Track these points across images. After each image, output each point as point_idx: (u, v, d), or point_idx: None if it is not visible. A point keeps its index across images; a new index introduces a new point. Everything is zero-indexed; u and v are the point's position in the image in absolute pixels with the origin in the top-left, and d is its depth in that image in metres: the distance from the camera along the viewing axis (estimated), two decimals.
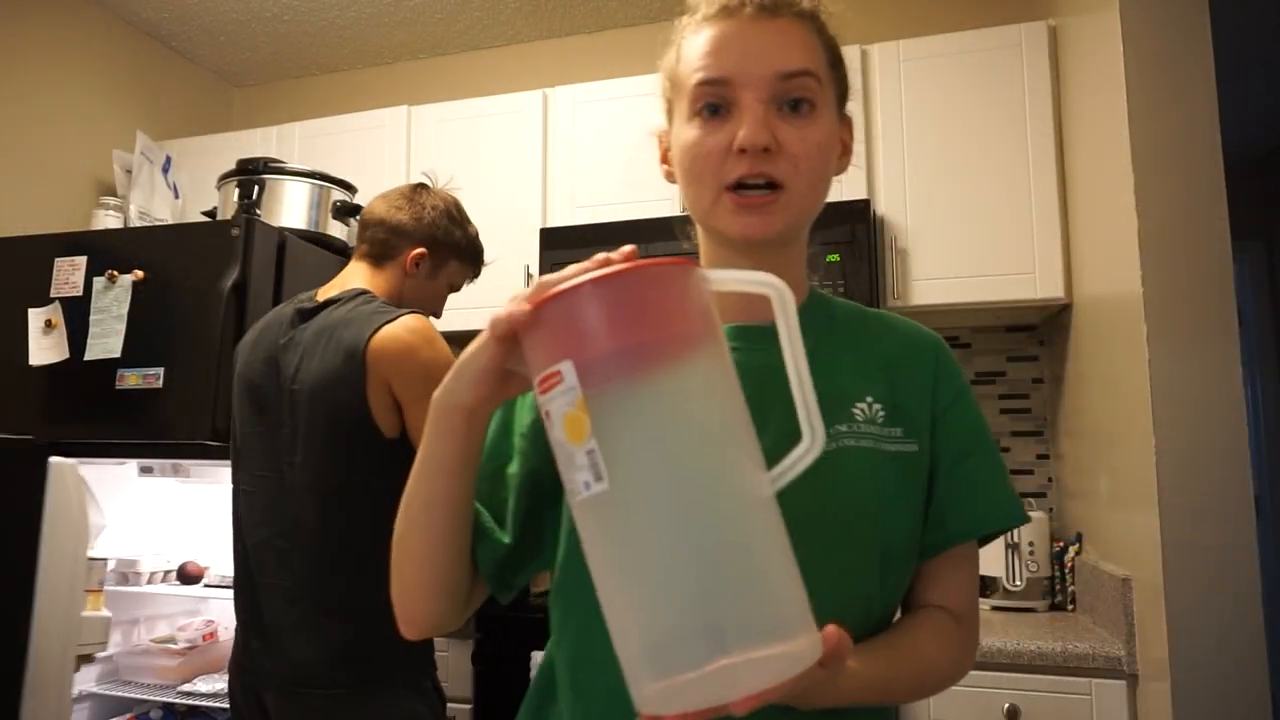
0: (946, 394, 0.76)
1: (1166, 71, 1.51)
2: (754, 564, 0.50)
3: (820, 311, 0.78)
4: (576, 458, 0.50)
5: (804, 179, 0.71)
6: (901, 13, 2.48)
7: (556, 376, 0.50)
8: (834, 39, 0.76)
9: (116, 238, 2.10)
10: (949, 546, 0.74)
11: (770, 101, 0.69)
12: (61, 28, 2.57)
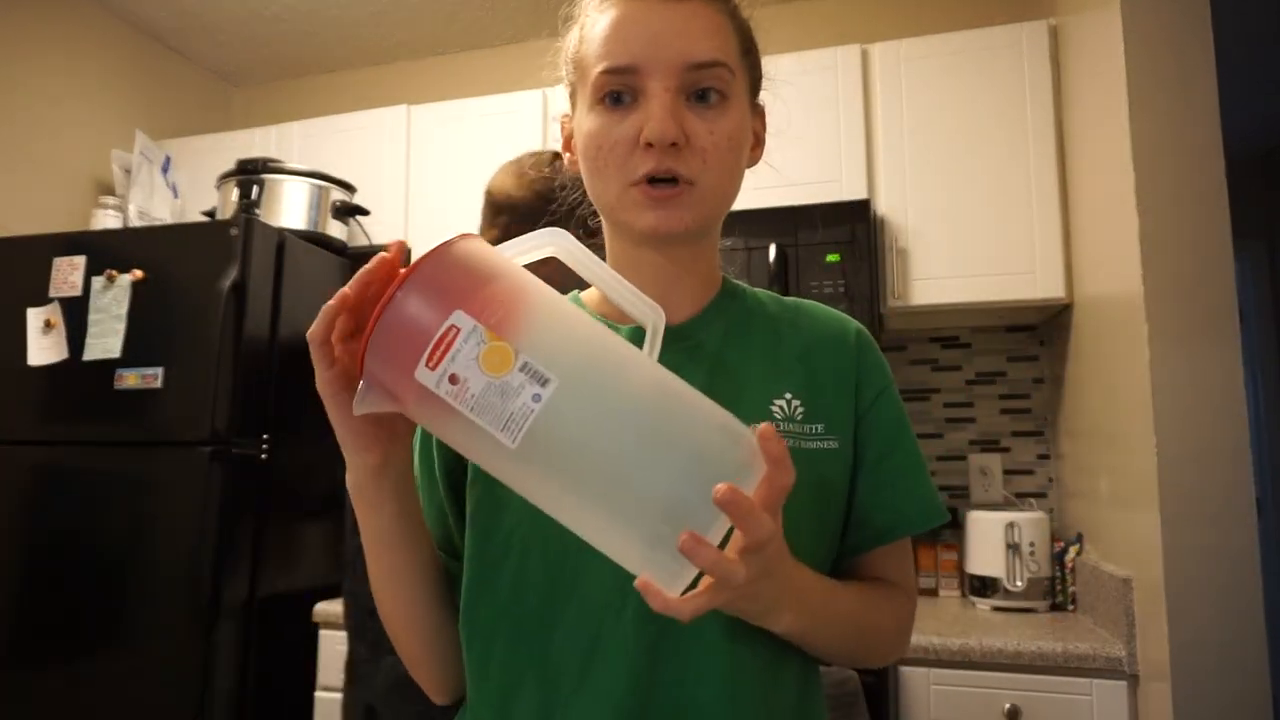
0: (870, 390, 0.73)
1: (1167, 70, 1.50)
2: (699, 413, 0.53)
3: (733, 305, 0.75)
4: (511, 382, 0.50)
5: (714, 174, 0.67)
6: (901, 13, 2.48)
7: (451, 332, 0.50)
8: (748, 23, 0.73)
9: (116, 238, 2.10)
10: (875, 546, 0.72)
11: (678, 91, 0.66)
12: (61, 27, 2.57)
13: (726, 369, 0.71)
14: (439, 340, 0.50)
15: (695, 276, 0.74)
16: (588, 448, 0.50)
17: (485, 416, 0.50)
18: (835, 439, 0.71)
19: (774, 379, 0.71)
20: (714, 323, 0.73)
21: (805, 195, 2.09)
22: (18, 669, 1.92)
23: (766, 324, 0.75)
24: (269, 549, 1.99)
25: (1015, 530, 1.90)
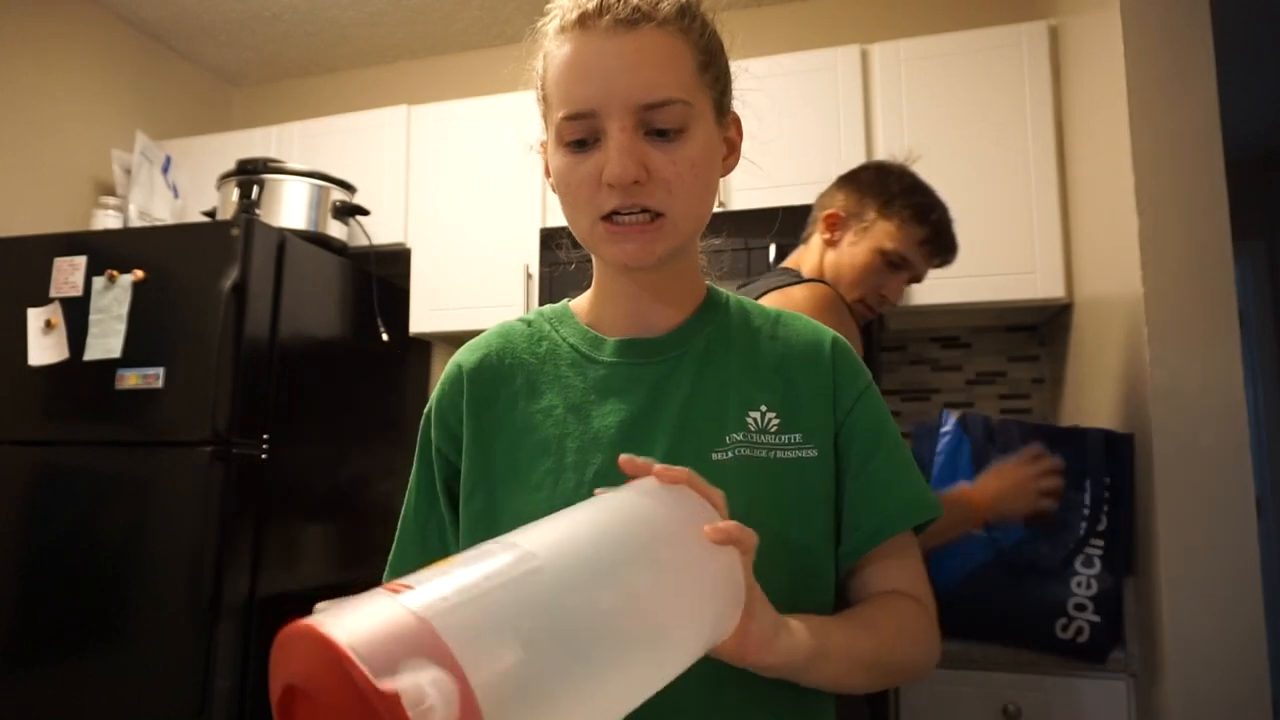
0: (848, 397, 0.74)
1: (1167, 71, 1.50)
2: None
3: (715, 316, 0.77)
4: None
5: (681, 202, 0.68)
6: (901, 13, 2.48)
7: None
8: (708, 35, 0.72)
9: (116, 238, 2.10)
10: (868, 549, 0.72)
11: (635, 129, 0.66)
12: (61, 28, 2.57)
13: (708, 380, 0.73)
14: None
15: (677, 290, 0.76)
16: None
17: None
18: (814, 448, 0.72)
19: (751, 390, 0.73)
20: (697, 334, 0.75)
21: (805, 195, 2.08)
22: (18, 669, 1.92)
23: (746, 335, 0.76)
24: (269, 549, 1.99)
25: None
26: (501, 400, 0.75)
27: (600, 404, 0.72)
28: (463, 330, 2.36)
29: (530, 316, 0.82)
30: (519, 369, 0.77)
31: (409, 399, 2.63)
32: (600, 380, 0.74)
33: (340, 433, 2.27)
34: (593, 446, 0.71)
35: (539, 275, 2.20)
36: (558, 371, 0.75)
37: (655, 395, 0.72)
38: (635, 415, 0.71)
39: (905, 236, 1.36)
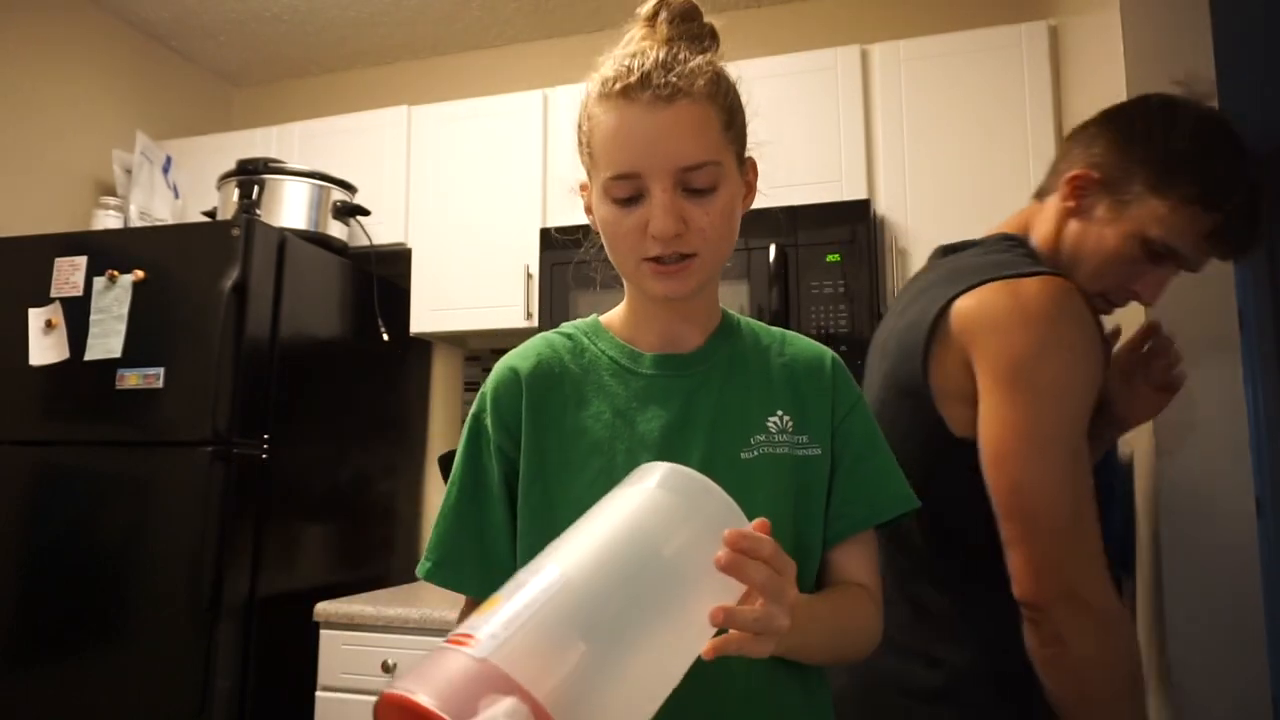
0: (844, 406, 0.87)
1: (1167, 71, 1.50)
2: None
3: (732, 336, 0.89)
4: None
5: (712, 245, 0.80)
6: (901, 13, 2.48)
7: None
8: (729, 93, 0.83)
9: (116, 238, 2.10)
10: (853, 534, 0.84)
11: (675, 188, 0.77)
12: (61, 28, 2.57)
13: (732, 390, 0.85)
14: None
15: (701, 313, 0.88)
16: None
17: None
18: (818, 447, 0.84)
19: (769, 399, 0.85)
20: (718, 352, 0.87)
21: (805, 195, 2.09)
22: (18, 669, 1.93)
23: (759, 352, 0.89)
24: (269, 549, 1.99)
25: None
26: (553, 404, 0.85)
27: (643, 410, 0.83)
28: (463, 330, 2.36)
29: (567, 330, 0.92)
30: (566, 377, 0.86)
31: (409, 399, 2.63)
32: (641, 390, 0.84)
33: (340, 433, 2.27)
34: (640, 447, 0.81)
35: (539, 275, 2.20)
36: (601, 381, 0.86)
37: (689, 403, 0.83)
38: (674, 421, 0.82)
39: (1182, 224, 0.98)
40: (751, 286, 2.00)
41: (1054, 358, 0.90)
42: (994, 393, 0.92)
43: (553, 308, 2.15)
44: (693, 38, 0.83)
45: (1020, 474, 0.91)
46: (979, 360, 0.94)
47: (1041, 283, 0.93)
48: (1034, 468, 0.90)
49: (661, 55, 0.79)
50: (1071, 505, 0.89)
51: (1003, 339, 0.92)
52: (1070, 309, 0.92)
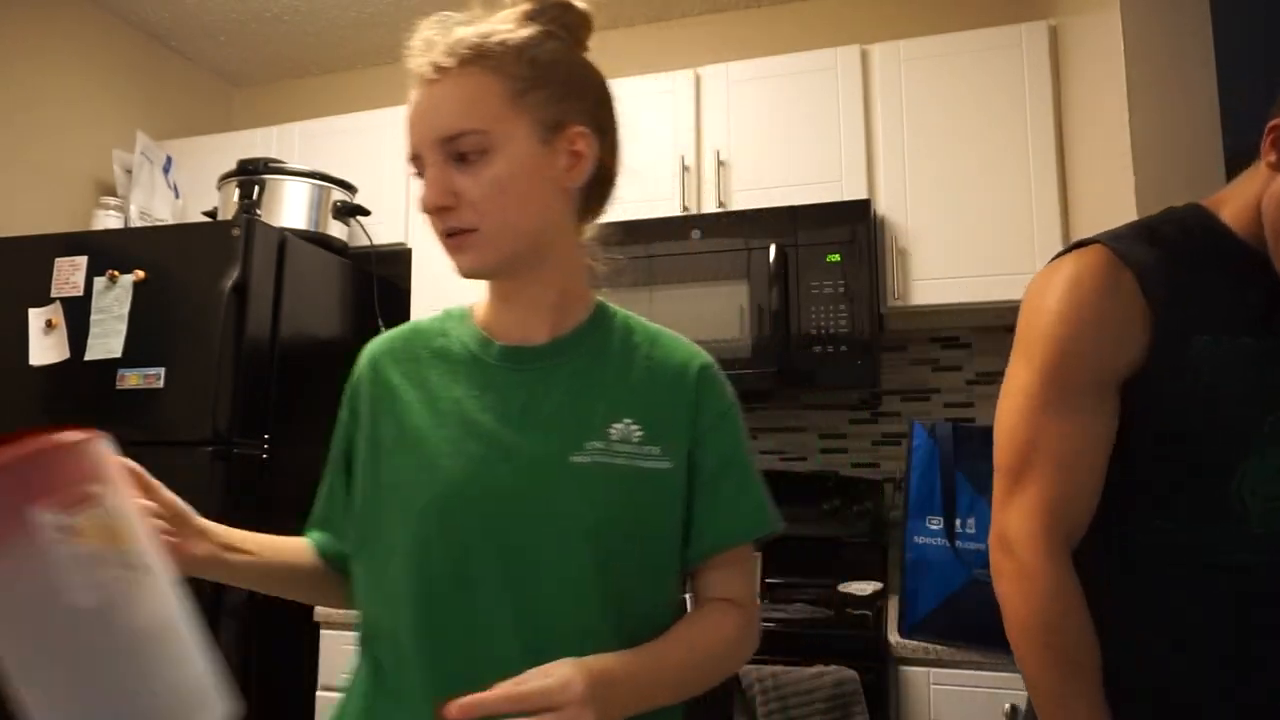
0: (707, 419, 0.84)
1: (1167, 71, 1.51)
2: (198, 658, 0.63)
3: (596, 332, 0.86)
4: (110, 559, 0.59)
5: (493, 216, 0.77)
6: (901, 13, 2.48)
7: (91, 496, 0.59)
8: (538, 65, 0.80)
9: (117, 238, 2.10)
10: (711, 555, 0.83)
11: (445, 161, 0.77)
12: (62, 27, 2.57)
13: (578, 391, 0.82)
14: (79, 494, 0.58)
15: (551, 302, 0.85)
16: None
17: (73, 568, 0.57)
18: (669, 460, 0.81)
19: (618, 404, 0.81)
20: (572, 348, 0.85)
21: (805, 195, 2.09)
22: None
23: (623, 352, 0.85)
24: None
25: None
26: (398, 387, 0.85)
27: (480, 400, 0.81)
28: None
29: (440, 315, 0.91)
30: (418, 360, 0.86)
31: None
32: (484, 380, 0.83)
33: None
34: (468, 436, 0.79)
35: None
36: (449, 368, 0.85)
37: (528, 399, 0.81)
38: (508, 415, 0.80)
39: None
40: (751, 286, 2.01)
41: (1037, 321, 0.94)
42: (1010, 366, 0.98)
43: None
44: (559, 23, 0.83)
45: (995, 416, 0.98)
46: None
47: (1079, 254, 0.94)
48: (1000, 411, 0.96)
49: (433, 33, 0.80)
50: (1020, 451, 0.92)
51: (1022, 312, 0.99)
52: (1083, 276, 0.92)
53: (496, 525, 0.76)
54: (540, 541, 0.75)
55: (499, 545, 0.76)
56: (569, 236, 0.86)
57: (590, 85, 0.85)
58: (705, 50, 2.61)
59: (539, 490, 0.77)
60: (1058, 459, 0.89)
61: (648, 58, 2.67)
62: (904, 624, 1.62)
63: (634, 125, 2.62)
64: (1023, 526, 0.89)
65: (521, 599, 0.75)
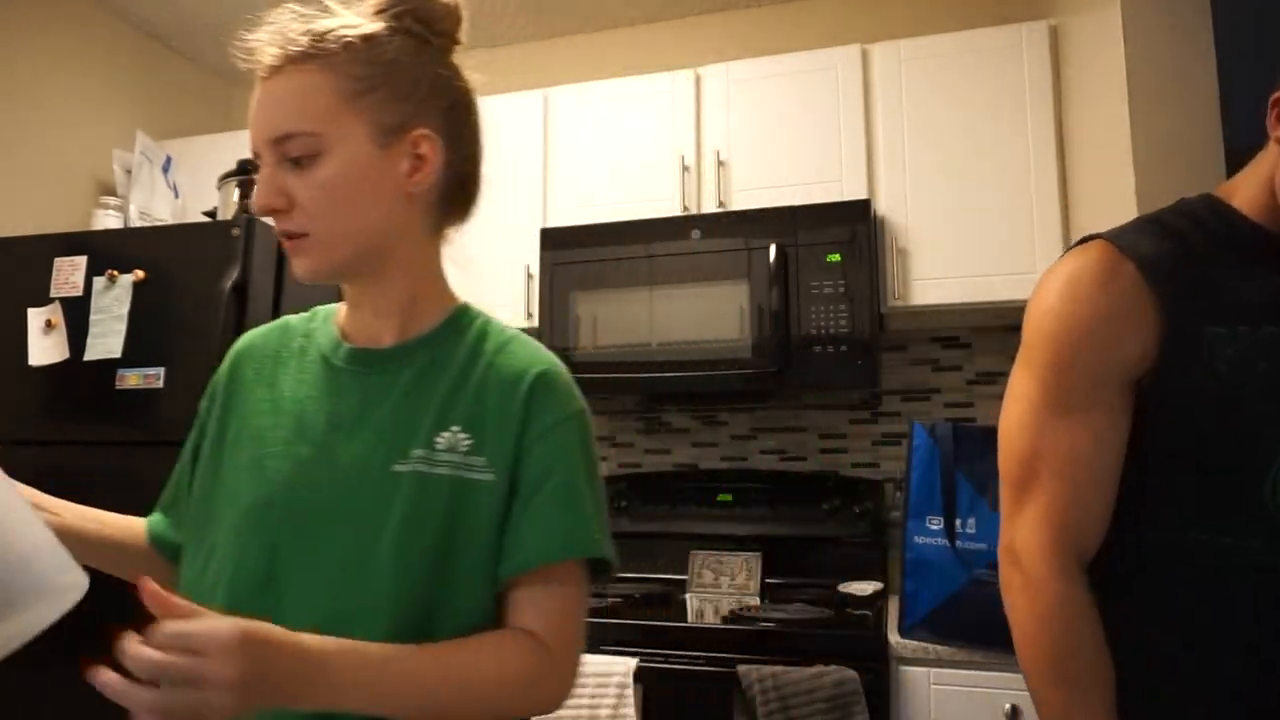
0: (535, 429, 0.78)
1: (1167, 71, 1.51)
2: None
3: (445, 339, 0.83)
4: None
5: (324, 220, 0.76)
6: (901, 13, 2.48)
7: None
8: (377, 65, 0.77)
9: (116, 238, 2.10)
10: (517, 574, 0.75)
11: (278, 162, 0.76)
12: (61, 27, 2.57)
13: (413, 398, 0.79)
14: None
15: (398, 306, 0.83)
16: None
17: None
18: (493, 472, 0.76)
19: (449, 412, 0.78)
20: (419, 352, 0.82)
21: (805, 195, 2.09)
22: (19, 669, 1.92)
23: (467, 359, 0.82)
24: None
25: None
26: (247, 384, 0.85)
27: (319, 402, 0.80)
28: None
29: (316, 311, 0.91)
30: (273, 359, 0.85)
31: None
32: (327, 381, 0.81)
33: None
34: (299, 440, 0.78)
35: (539, 275, 2.20)
36: (301, 367, 0.84)
37: (362, 404, 0.79)
38: (341, 419, 0.79)
39: None
40: (752, 286, 2.01)
41: (1035, 323, 0.92)
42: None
43: (553, 308, 2.15)
44: (419, 18, 0.80)
45: (1000, 424, 0.95)
46: None
47: (1078, 252, 0.93)
48: (1003, 418, 0.95)
49: (269, 32, 0.77)
50: (1024, 461, 0.90)
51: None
52: (1081, 272, 0.91)
53: (308, 530, 0.74)
54: (349, 549, 0.73)
55: (308, 550, 0.74)
56: (417, 241, 0.83)
57: (441, 86, 0.81)
58: (705, 50, 2.62)
59: (353, 497, 0.75)
60: (1062, 468, 0.87)
61: (648, 58, 2.67)
62: (904, 624, 1.62)
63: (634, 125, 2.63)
64: (1030, 539, 0.87)
65: (328, 606, 0.72)
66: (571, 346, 2.12)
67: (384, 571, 0.72)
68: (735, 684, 1.56)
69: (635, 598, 2.00)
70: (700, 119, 2.23)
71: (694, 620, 1.77)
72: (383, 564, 0.72)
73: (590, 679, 1.62)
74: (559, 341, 2.13)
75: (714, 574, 2.23)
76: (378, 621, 0.71)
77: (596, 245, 2.14)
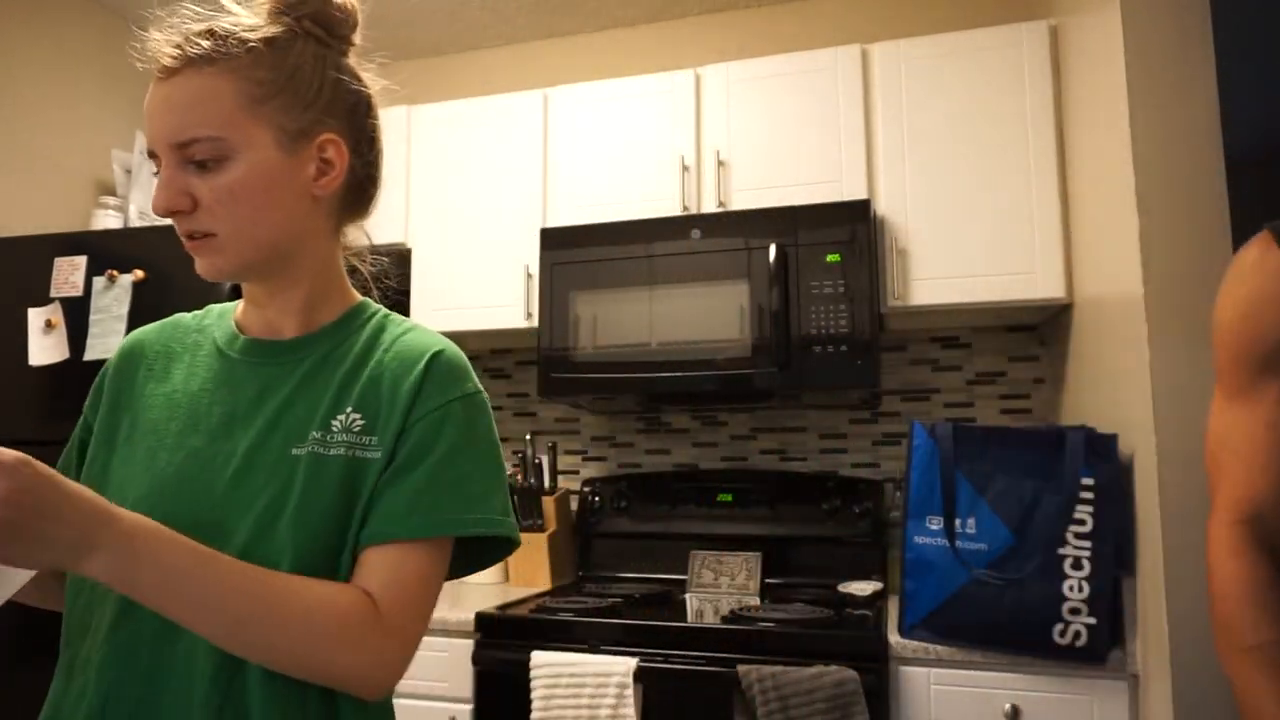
0: (422, 408, 0.79)
1: (1167, 71, 1.51)
2: None
3: (345, 331, 0.85)
4: None
5: (229, 222, 0.76)
6: (901, 13, 2.48)
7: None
8: (278, 70, 0.77)
9: (116, 238, 2.10)
10: (366, 546, 0.75)
11: (180, 164, 0.76)
12: (61, 27, 2.57)
13: (311, 387, 0.81)
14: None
15: (296, 303, 0.84)
16: None
17: None
18: (380, 450, 0.78)
19: (345, 398, 0.80)
20: (319, 344, 0.84)
21: (805, 195, 2.09)
22: (18, 669, 1.93)
23: (364, 348, 0.84)
24: None
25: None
26: (139, 380, 0.85)
27: (213, 394, 0.82)
28: (463, 330, 2.36)
29: (204, 311, 0.92)
30: (165, 355, 0.86)
31: None
32: (222, 373, 0.83)
33: None
34: (191, 430, 0.79)
35: (539, 275, 2.20)
36: (194, 361, 0.85)
37: (260, 393, 0.81)
38: (237, 408, 0.80)
39: None
40: (751, 286, 2.01)
41: (1213, 313, 0.99)
42: None
43: (553, 308, 2.15)
44: (317, 20, 0.80)
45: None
46: None
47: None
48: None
49: (166, 31, 0.76)
50: (1211, 451, 0.96)
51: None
52: (1241, 261, 0.97)
53: (206, 518, 0.74)
54: (246, 531, 0.73)
55: (208, 536, 0.71)
56: (320, 240, 0.84)
57: (342, 90, 0.83)
58: (705, 50, 2.62)
59: (250, 482, 0.75)
60: (1238, 450, 0.92)
61: (648, 58, 2.67)
62: (904, 624, 1.62)
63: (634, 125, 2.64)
64: (1211, 528, 0.93)
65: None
66: (571, 346, 2.12)
67: (286, 552, 0.73)
68: (735, 684, 1.56)
69: (635, 598, 2.00)
70: (700, 119, 2.23)
71: (694, 620, 1.77)
72: (284, 544, 0.73)
73: (590, 679, 1.62)
74: (559, 341, 2.13)
75: (714, 574, 2.23)
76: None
77: (596, 245, 2.14)
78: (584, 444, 2.58)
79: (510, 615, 1.81)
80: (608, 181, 2.26)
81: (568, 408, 2.57)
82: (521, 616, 1.80)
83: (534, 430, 2.58)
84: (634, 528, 2.34)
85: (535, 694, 1.65)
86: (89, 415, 0.88)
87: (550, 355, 2.14)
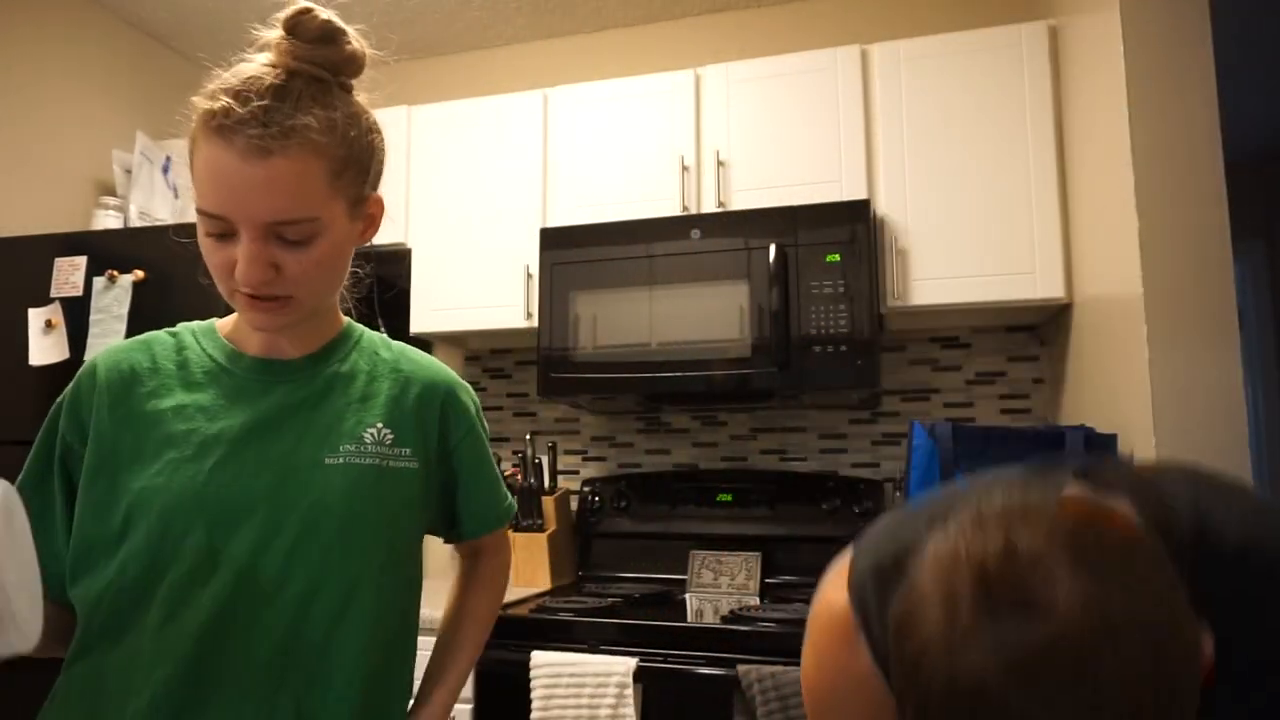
0: (456, 434, 0.98)
1: (1167, 71, 1.51)
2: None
3: (343, 349, 0.94)
4: None
5: (309, 287, 0.82)
6: (901, 13, 2.48)
7: None
8: (345, 138, 0.79)
9: (116, 238, 2.10)
10: (481, 533, 1.05)
11: (265, 239, 0.77)
12: (61, 28, 2.57)
13: (331, 401, 0.89)
14: None
15: (308, 329, 0.91)
16: None
17: None
18: (417, 461, 0.92)
19: (368, 411, 0.90)
20: (322, 364, 0.91)
21: (805, 195, 2.09)
22: (18, 669, 1.92)
23: (369, 366, 0.94)
24: None
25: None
26: (133, 399, 0.86)
27: (230, 407, 0.85)
28: (463, 330, 2.36)
29: (176, 330, 0.94)
30: (156, 373, 0.88)
31: None
32: (234, 388, 0.87)
33: None
34: (214, 442, 0.83)
35: (539, 275, 2.20)
36: (192, 378, 0.88)
37: (282, 407, 0.86)
38: (260, 420, 0.85)
39: None
40: (751, 286, 2.01)
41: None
42: None
43: (553, 308, 2.16)
44: (326, 66, 0.80)
45: None
46: None
47: None
48: None
49: (266, 102, 0.74)
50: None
51: None
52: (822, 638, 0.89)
53: (251, 519, 0.81)
54: (295, 526, 0.82)
55: (255, 532, 0.81)
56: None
57: (376, 146, 0.86)
58: (705, 50, 2.62)
59: (290, 485, 0.82)
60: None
61: (648, 58, 2.67)
62: None
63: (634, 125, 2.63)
64: None
65: (273, 591, 0.81)
66: (571, 346, 2.12)
67: (336, 551, 0.83)
68: (735, 684, 1.56)
69: (635, 598, 2.00)
70: (700, 119, 2.23)
71: (694, 620, 1.77)
72: (334, 545, 0.83)
73: (590, 679, 1.62)
74: (559, 341, 2.13)
75: (714, 574, 2.23)
76: (337, 592, 0.84)
77: (596, 245, 2.14)
78: (584, 444, 2.58)
79: (510, 615, 1.81)
80: (607, 181, 2.27)
81: (568, 408, 2.57)
82: (521, 616, 1.80)
83: (534, 430, 2.59)
84: (634, 528, 2.34)
85: (535, 694, 1.65)
86: (69, 436, 0.86)
87: (550, 355, 2.14)
